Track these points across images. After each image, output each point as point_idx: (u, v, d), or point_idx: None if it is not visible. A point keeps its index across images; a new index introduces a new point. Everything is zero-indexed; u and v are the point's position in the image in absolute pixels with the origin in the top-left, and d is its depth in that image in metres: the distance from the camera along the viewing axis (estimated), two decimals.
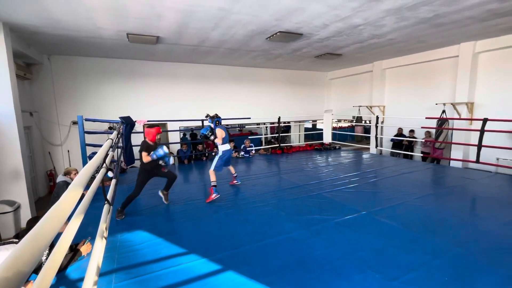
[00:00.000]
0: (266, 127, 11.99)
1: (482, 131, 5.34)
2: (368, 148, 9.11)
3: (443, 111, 6.99)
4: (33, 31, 4.93)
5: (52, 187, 6.76)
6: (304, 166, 6.36)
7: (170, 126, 8.16)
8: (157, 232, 3.04)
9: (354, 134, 10.22)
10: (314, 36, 5.77)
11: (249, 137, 8.62)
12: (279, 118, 8.46)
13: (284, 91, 10.44)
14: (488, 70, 6.43)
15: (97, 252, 1.52)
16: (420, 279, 2.16)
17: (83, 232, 2.42)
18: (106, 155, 2.39)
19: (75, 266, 2.31)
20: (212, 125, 4.34)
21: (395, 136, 8.17)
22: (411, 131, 7.89)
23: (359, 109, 9.59)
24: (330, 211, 3.56)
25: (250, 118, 8.15)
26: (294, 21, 4.79)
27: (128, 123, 5.22)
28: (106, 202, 2.15)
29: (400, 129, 8.18)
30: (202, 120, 6.93)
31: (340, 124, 17.61)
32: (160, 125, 8.45)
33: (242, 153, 7.84)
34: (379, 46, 6.76)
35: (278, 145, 8.50)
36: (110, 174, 3.49)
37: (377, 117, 8.11)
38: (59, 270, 2.18)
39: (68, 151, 7.16)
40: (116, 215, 3.44)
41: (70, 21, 4.52)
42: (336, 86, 11.30)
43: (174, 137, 8.63)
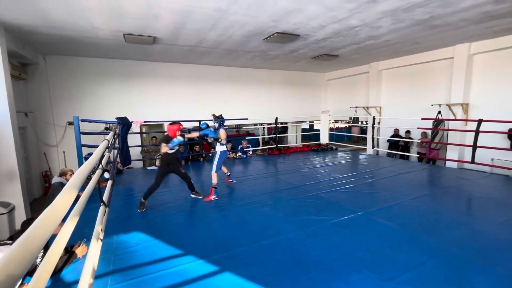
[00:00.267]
0: (264, 128, 11.99)
1: (477, 132, 5.39)
2: (365, 149, 9.15)
3: (439, 112, 7.06)
4: (28, 31, 4.89)
5: (47, 188, 6.69)
6: (301, 167, 6.37)
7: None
8: (154, 234, 3.03)
9: (351, 135, 10.27)
10: (311, 37, 5.79)
11: (247, 138, 8.61)
12: (277, 119, 8.47)
13: (282, 92, 10.46)
14: (483, 72, 6.50)
15: (93, 254, 1.51)
16: (417, 279, 2.17)
17: (79, 234, 2.40)
18: (102, 156, 2.37)
19: (70, 268, 2.28)
20: (216, 125, 4.53)
21: (392, 137, 8.22)
22: (407, 132, 7.96)
23: (356, 110, 9.64)
24: (327, 212, 3.56)
25: (248, 119, 8.15)
26: (291, 22, 4.80)
27: (125, 124, 5.19)
28: (102, 204, 2.13)
29: (397, 130, 8.24)
30: (199, 121, 6.91)
31: (337, 125, 17.69)
32: (157, 126, 8.46)
33: (240, 154, 7.84)
34: (376, 48, 6.80)
35: (276, 146, 8.51)
36: (107, 175, 3.47)
37: (374, 118, 8.16)
38: (54, 273, 2.15)
39: (64, 152, 7.10)
40: (139, 207, 3.73)
41: (66, 21, 4.48)
42: (333, 87, 11.35)
43: None
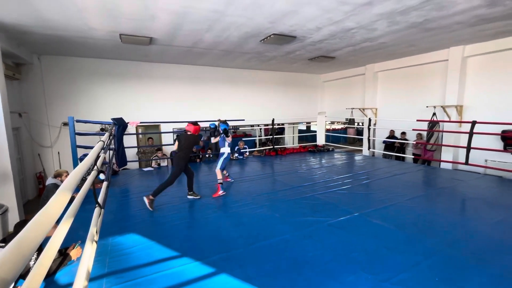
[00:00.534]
0: (260, 129, 12.00)
1: (471, 134, 5.46)
2: (361, 150, 9.21)
3: (434, 114, 7.13)
4: (23, 31, 4.83)
5: (42, 190, 6.61)
6: (298, 168, 6.39)
7: (164, 128, 8.09)
8: (149, 235, 3.01)
9: (347, 136, 10.32)
10: (308, 39, 5.82)
11: (243, 139, 8.61)
12: (273, 120, 8.48)
13: (278, 93, 10.48)
14: (477, 74, 6.59)
15: (87, 256, 1.49)
16: (412, 280, 2.18)
17: (74, 236, 2.38)
18: (98, 157, 2.35)
19: (65, 271, 2.25)
20: (221, 128, 4.73)
21: (387, 138, 8.28)
22: (403, 133, 8.03)
23: (352, 111, 9.70)
24: (323, 213, 3.58)
25: (244, 120, 8.15)
26: (288, 24, 4.82)
27: (121, 125, 5.16)
28: (97, 205, 2.11)
29: (392, 131, 8.31)
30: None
31: (334, 126, 17.77)
32: (153, 127, 8.42)
33: (236, 155, 7.83)
34: (371, 50, 6.86)
35: (272, 147, 8.52)
36: (102, 177, 3.44)
37: (370, 120, 8.21)
38: (48, 275, 2.12)
39: (59, 153, 7.02)
40: (150, 206, 3.76)
41: (61, 21, 4.44)
42: (330, 89, 11.41)
43: (168, 139, 8.55)
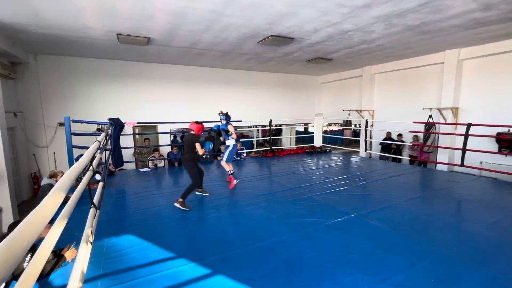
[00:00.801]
0: (258, 130, 12.00)
1: (466, 136, 5.51)
2: (358, 152, 9.24)
3: (430, 116, 7.19)
4: (19, 30, 4.79)
5: (36, 190, 6.54)
6: (295, 169, 6.40)
7: (161, 128, 8.06)
8: (146, 236, 2.99)
9: (344, 138, 10.37)
10: (305, 41, 5.85)
11: (241, 140, 8.60)
12: (271, 121, 8.49)
13: (276, 94, 10.50)
14: (472, 77, 6.66)
15: (82, 258, 1.48)
16: (408, 281, 2.19)
17: (69, 237, 2.36)
18: (93, 158, 2.33)
19: (59, 272, 2.23)
20: (224, 122, 4.87)
21: (384, 140, 8.33)
22: (399, 135, 8.08)
23: (349, 113, 9.75)
24: (320, 214, 3.58)
25: (242, 121, 8.15)
26: (286, 26, 4.84)
27: (117, 125, 5.12)
28: (92, 206, 2.09)
29: (389, 133, 8.36)
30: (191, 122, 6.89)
31: (331, 128, 17.83)
32: (150, 127, 8.38)
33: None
34: (369, 52, 6.90)
35: (270, 148, 8.52)
36: (98, 177, 3.42)
37: (367, 121, 8.26)
38: (42, 277, 2.10)
39: (54, 153, 6.96)
40: (184, 206, 3.81)
41: (58, 20, 4.41)
42: (327, 90, 11.46)
43: (165, 140, 8.52)
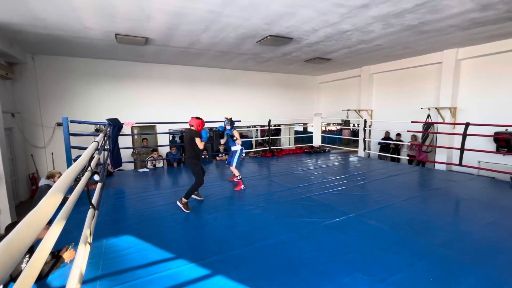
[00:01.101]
0: (257, 130, 11.99)
1: (465, 135, 5.53)
2: (357, 151, 9.26)
3: (428, 115, 7.22)
4: (17, 30, 4.77)
5: (34, 191, 6.51)
6: (294, 169, 6.40)
7: (159, 129, 8.04)
8: (145, 237, 2.98)
9: (343, 137, 10.39)
10: (304, 41, 5.85)
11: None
12: (270, 121, 8.49)
13: (275, 94, 10.51)
14: (470, 77, 6.69)
15: (80, 259, 1.47)
16: (407, 280, 2.20)
17: (67, 238, 2.34)
18: (92, 158, 2.32)
19: (57, 274, 2.21)
20: (228, 127, 4.81)
21: (383, 140, 8.35)
22: (398, 135, 8.10)
23: (348, 113, 9.76)
24: (319, 214, 3.58)
25: (241, 121, 8.14)
26: (284, 26, 4.84)
27: (116, 125, 5.11)
28: (91, 207, 2.09)
29: (387, 133, 8.38)
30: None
31: (330, 128, 17.86)
32: (149, 128, 8.37)
33: None
34: (367, 52, 6.92)
35: (269, 148, 8.52)
36: (97, 178, 3.41)
37: (365, 121, 8.27)
38: (41, 278, 2.09)
39: (52, 154, 6.93)
40: (186, 208, 3.72)
41: (56, 20, 4.40)
42: (326, 90, 11.48)
43: (163, 140, 8.51)
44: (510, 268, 2.37)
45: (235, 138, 4.83)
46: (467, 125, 5.50)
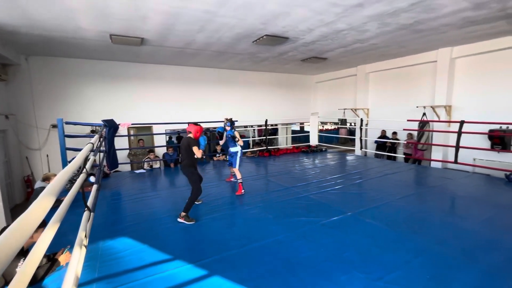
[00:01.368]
0: (254, 130, 11.99)
1: (460, 133, 5.57)
2: (353, 150, 9.30)
3: (424, 114, 7.26)
4: (10, 31, 4.71)
5: (30, 194, 6.45)
6: (291, 169, 6.41)
7: (156, 129, 8.01)
8: (141, 239, 2.96)
9: (339, 136, 10.42)
10: (300, 40, 5.86)
11: None
12: (266, 121, 8.49)
13: (271, 94, 10.51)
14: (464, 75, 6.75)
15: (75, 262, 1.46)
16: (403, 278, 2.21)
17: (63, 241, 2.32)
18: (87, 160, 2.30)
19: (53, 277, 2.20)
20: (228, 128, 4.72)
21: (379, 138, 8.39)
22: (394, 133, 8.14)
23: (344, 112, 9.79)
24: (317, 213, 3.59)
25: (237, 121, 8.12)
26: (280, 25, 4.84)
27: (111, 126, 5.07)
28: (86, 209, 2.07)
29: (384, 131, 8.42)
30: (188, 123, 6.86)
31: (326, 127, 17.90)
32: (145, 128, 8.32)
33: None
34: (363, 51, 6.95)
35: (266, 148, 8.52)
36: (92, 179, 3.38)
37: (362, 120, 8.30)
38: (36, 282, 2.07)
39: (47, 156, 6.87)
40: (188, 220, 3.37)
41: (50, 21, 4.35)
42: (322, 89, 11.50)
43: (160, 141, 8.47)
44: (506, 265, 2.40)
45: (237, 139, 4.72)
46: (462, 123, 5.54)
